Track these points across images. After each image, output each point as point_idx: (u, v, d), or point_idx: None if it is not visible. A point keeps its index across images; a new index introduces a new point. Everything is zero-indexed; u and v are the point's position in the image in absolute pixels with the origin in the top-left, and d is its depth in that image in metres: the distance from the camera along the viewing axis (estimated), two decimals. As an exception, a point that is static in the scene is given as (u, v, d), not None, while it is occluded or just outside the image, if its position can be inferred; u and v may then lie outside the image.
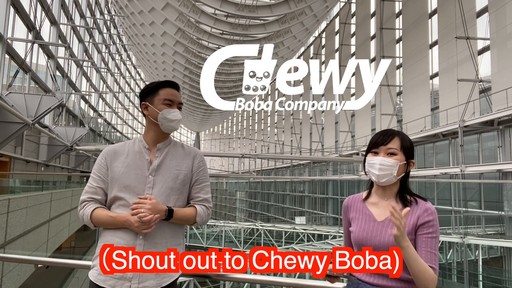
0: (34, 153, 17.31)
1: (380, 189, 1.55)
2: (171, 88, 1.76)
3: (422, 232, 1.41)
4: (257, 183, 44.15)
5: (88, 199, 1.65)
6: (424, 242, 1.40)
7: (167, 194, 1.66)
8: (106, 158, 1.70)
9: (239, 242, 23.93)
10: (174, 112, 1.72)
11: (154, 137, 1.74)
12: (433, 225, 1.42)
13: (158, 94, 1.73)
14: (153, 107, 1.72)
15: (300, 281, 1.93)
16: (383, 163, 1.48)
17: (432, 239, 1.40)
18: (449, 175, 15.86)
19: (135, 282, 1.54)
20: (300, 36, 23.38)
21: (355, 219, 1.56)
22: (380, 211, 1.51)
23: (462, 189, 15.32)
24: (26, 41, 14.64)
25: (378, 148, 1.52)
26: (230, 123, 67.66)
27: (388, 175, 1.47)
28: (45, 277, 13.35)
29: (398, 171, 1.48)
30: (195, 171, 1.75)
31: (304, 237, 22.39)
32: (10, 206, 7.35)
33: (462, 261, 14.35)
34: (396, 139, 1.51)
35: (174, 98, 1.75)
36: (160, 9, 19.46)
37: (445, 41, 16.27)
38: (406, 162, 1.51)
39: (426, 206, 1.45)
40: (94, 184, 1.67)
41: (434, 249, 1.39)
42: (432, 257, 1.38)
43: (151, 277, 1.57)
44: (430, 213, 1.43)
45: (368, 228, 1.49)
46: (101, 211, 1.62)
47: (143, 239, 1.59)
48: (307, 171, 32.81)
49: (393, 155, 1.49)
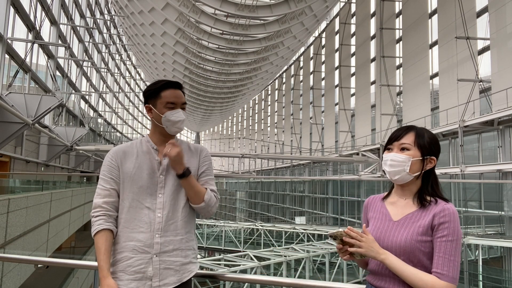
0: (34, 153, 17.31)
1: (399, 189, 1.51)
2: (174, 89, 1.73)
3: (437, 235, 1.33)
4: (257, 183, 44.16)
5: (105, 205, 1.64)
6: (438, 246, 1.32)
7: (178, 192, 1.68)
8: (116, 159, 1.70)
9: (239, 242, 23.93)
10: (177, 113, 1.70)
11: (160, 137, 1.75)
12: (448, 227, 1.32)
13: (160, 97, 1.71)
14: (156, 111, 1.71)
15: (300, 281, 1.93)
16: (394, 159, 1.43)
17: (447, 243, 1.31)
18: (449, 175, 15.86)
19: (156, 280, 1.57)
20: (300, 36, 23.38)
21: (372, 219, 1.53)
22: (397, 211, 1.47)
23: (462, 189, 15.32)
24: (26, 41, 14.64)
25: (392, 144, 1.48)
26: (230, 123, 67.67)
27: (400, 172, 1.42)
28: (45, 277, 13.36)
29: (412, 167, 1.41)
30: (201, 164, 1.78)
31: (304, 237, 22.39)
32: (10, 206, 7.35)
33: (462, 261, 14.34)
34: (410, 134, 1.45)
35: (176, 99, 1.72)
36: (160, 9, 19.46)
37: (445, 41, 16.27)
38: (422, 159, 1.43)
39: (444, 207, 1.36)
40: (107, 186, 1.66)
41: (448, 254, 1.30)
42: (444, 263, 1.29)
43: (171, 274, 1.60)
44: (445, 214, 1.34)
45: (383, 228, 1.45)
46: (102, 243, 1.58)
47: (160, 237, 1.61)
48: (307, 171, 32.81)
49: (405, 150, 1.44)
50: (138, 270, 1.57)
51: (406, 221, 1.41)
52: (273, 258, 14.60)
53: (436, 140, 1.47)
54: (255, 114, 54.20)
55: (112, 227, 1.63)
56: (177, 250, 1.63)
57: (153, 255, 1.59)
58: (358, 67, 25.66)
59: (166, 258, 1.60)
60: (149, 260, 1.58)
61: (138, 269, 1.57)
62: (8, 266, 6.99)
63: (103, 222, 1.62)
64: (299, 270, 15.42)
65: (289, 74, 41.73)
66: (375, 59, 22.94)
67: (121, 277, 1.58)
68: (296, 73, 38.33)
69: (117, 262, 1.60)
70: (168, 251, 1.61)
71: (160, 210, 1.63)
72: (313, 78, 34.13)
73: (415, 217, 1.40)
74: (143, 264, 1.58)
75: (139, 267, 1.57)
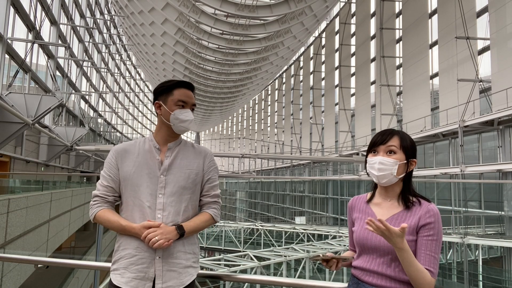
0: (34, 153, 17.31)
1: (382, 190, 1.55)
2: (186, 89, 1.74)
3: (422, 234, 1.39)
4: (257, 183, 44.16)
5: (101, 194, 1.67)
6: (424, 245, 1.38)
7: (179, 193, 1.67)
8: (117, 157, 1.70)
9: (239, 242, 23.93)
10: (186, 113, 1.71)
11: (165, 136, 1.74)
12: (434, 227, 1.39)
13: (172, 94, 1.72)
14: (166, 108, 1.71)
15: (300, 281, 1.93)
16: (383, 162, 1.47)
17: (433, 242, 1.38)
18: (449, 175, 15.86)
19: (159, 282, 1.58)
20: (300, 36, 23.37)
21: (358, 219, 1.57)
22: (383, 212, 1.51)
23: (462, 189, 15.32)
24: (26, 41, 14.64)
25: (377, 147, 1.52)
26: (230, 123, 67.71)
27: (388, 176, 1.47)
28: (45, 277, 13.36)
29: (398, 170, 1.47)
30: (206, 171, 1.77)
31: (304, 237, 22.39)
32: (10, 206, 7.35)
33: (462, 261, 14.35)
34: (395, 138, 1.50)
35: (187, 99, 1.73)
36: (160, 9, 19.45)
37: (445, 41, 16.27)
38: (407, 162, 1.49)
39: (428, 208, 1.43)
40: (105, 183, 1.69)
41: (433, 252, 1.37)
42: (431, 260, 1.36)
43: (174, 276, 1.61)
44: (431, 215, 1.41)
45: None
46: (112, 216, 1.64)
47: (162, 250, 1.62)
48: (307, 171, 32.81)
49: (392, 153, 1.48)
50: (140, 269, 1.58)
51: (392, 221, 1.45)
52: (273, 258, 14.59)
53: (414, 143, 1.54)
54: (255, 114, 54.20)
55: (110, 207, 1.67)
56: (179, 252, 1.63)
57: (156, 257, 1.59)
58: (358, 67, 25.66)
59: (168, 260, 1.61)
60: (152, 261, 1.59)
61: (141, 268, 1.58)
62: (8, 266, 6.99)
63: (100, 205, 1.67)
64: (299, 270, 15.42)
65: (289, 74, 41.74)
66: (375, 59, 22.95)
67: (123, 274, 1.59)
68: (296, 73, 38.34)
69: (121, 258, 1.61)
70: (171, 253, 1.61)
71: (160, 211, 1.62)
72: (313, 78, 34.13)
73: (401, 218, 1.45)
74: (146, 263, 1.58)
75: (142, 266, 1.58)
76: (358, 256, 1.54)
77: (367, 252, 1.49)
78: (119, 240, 1.66)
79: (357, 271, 1.52)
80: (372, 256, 1.47)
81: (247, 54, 24.42)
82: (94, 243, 18.52)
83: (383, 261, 1.43)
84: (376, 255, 1.45)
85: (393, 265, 1.41)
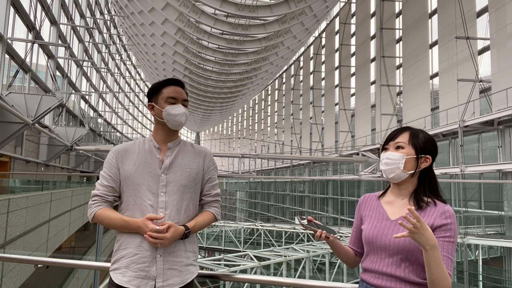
0: (34, 153, 17.31)
1: (396, 188, 1.52)
2: (175, 86, 1.77)
3: (439, 236, 1.34)
4: (257, 183, 44.15)
5: (101, 194, 1.67)
6: (440, 246, 1.32)
7: (181, 192, 1.68)
8: (117, 157, 1.71)
9: (239, 242, 23.92)
10: (177, 107, 1.72)
11: (163, 136, 1.76)
12: (451, 229, 1.35)
13: (161, 93, 1.75)
14: (158, 107, 1.74)
15: (300, 281, 1.93)
16: (389, 157, 1.47)
17: (449, 244, 1.33)
18: (449, 175, 15.86)
19: (159, 280, 1.59)
20: (300, 36, 23.37)
21: (367, 217, 1.53)
22: (395, 210, 1.47)
23: (462, 189, 15.32)
24: (26, 41, 14.64)
25: (388, 144, 1.52)
26: (230, 123, 67.68)
27: (395, 170, 1.44)
28: (45, 277, 13.36)
29: (407, 165, 1.44)
30: (207, 170, 1.80)
31: (304, 237, 22.38)
32: (10, 206, 7.35)
33: (462, 261, 14.34)
34: (405, 134, 1.49)
35: (177, 95, 1.75)
36: (160, 9, 19.46)
37: (445, 41, 16.27)
38: (417, 157, 1.46)
39: (444, 209, 1.39)
40: (105, 182, 1.69)
41: (450, 254, 1.32)
42: (448, 263, 1.31)
43: (175, 275, 1.62)
44: (447, 216, 1.37)
45: (380, 226, 1.46)
46: (113, 213, 1.65)
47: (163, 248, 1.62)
48: (307, 171, 32.81)
49: (400, 148, 1.47)
50: (141, 268, 1.58)
51: (404, 220, 1.40)
52: (273, 258, 14.59)
53: (431, 140, 1.50)
54: (255, 114, 54.20)
55: (108, 206, 1.68)
56: (180, 251, 1.64)
57: (157, 255, 1.60)
58: (358, 67, 25.66)
59: (169, 258, 1.62)
60: (153, 260, 1.59)
61: (142, 267, 1.58)
62: (8, 266, 6.99)
63: (100, 204, 1.66)
64: (299, 270, 15.41)
65: (289, 74, 41.73)
66: (375, 59, 22.94)
67: (124, 273, 1.59)
68: (296, 73, 38.33)
69: (122, 258, 1.62)
70: (172, 251, 1.62)
71: (162, 210, 1.63)
72: (313, 78, 34.13)
73: None
74: (147, 262, 1.59)
75: (143, 265, 1.58)
76: (366, 257, 1.50)
77: (375, 252, 1.45)
78: (119, 239, 1.66)
79: (365, 275, 1.48)
80: (380, 256, 1.43)
81: (247, 54, 24.42)
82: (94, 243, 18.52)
83: (392, 262, 1.39)
84: (384, 255, 1.41)
85: (403, 266, 1.37)
